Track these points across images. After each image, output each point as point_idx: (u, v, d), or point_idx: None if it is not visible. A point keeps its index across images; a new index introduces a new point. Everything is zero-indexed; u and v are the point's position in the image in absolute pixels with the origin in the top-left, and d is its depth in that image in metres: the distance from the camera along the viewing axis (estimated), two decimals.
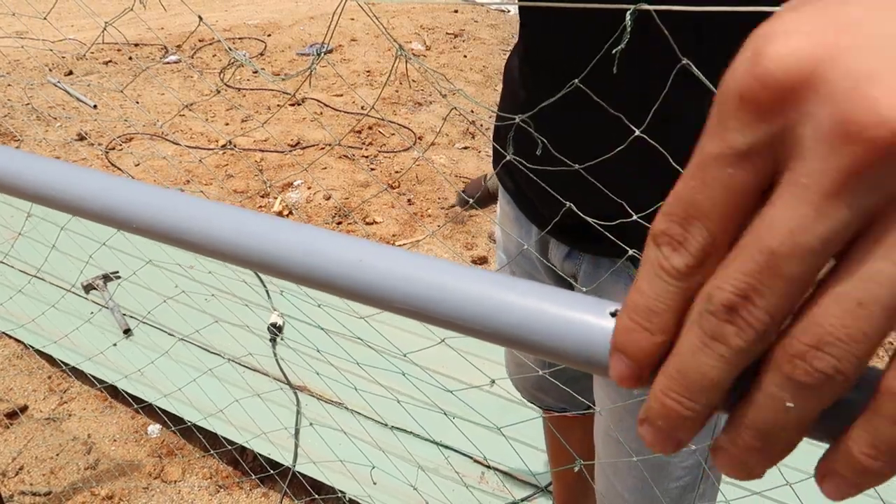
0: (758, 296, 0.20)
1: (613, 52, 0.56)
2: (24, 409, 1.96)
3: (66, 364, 1.97)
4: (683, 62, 0.55)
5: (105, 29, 0.78)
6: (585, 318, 0.26)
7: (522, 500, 1.58)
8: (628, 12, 0.55)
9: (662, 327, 0.23)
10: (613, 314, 0.26)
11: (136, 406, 1.88)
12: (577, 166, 0.66)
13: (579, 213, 0.70)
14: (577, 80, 0.61)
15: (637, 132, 0.60)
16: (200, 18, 0.68)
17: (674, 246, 0.22)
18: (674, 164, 0.60)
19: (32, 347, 2.04)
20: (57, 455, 1.83)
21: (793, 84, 0.18)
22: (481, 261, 2.65)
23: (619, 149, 0.62)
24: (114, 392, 1.94)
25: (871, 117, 0.17)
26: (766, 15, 0.20)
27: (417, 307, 0.29)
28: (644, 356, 0.23)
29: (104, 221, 0.38)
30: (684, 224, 0.21)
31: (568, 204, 0.70)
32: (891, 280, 0.18)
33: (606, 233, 0.69)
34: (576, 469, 1.06)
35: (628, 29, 0.57)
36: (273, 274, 0.33)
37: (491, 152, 3.74)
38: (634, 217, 0.66)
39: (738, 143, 0.20)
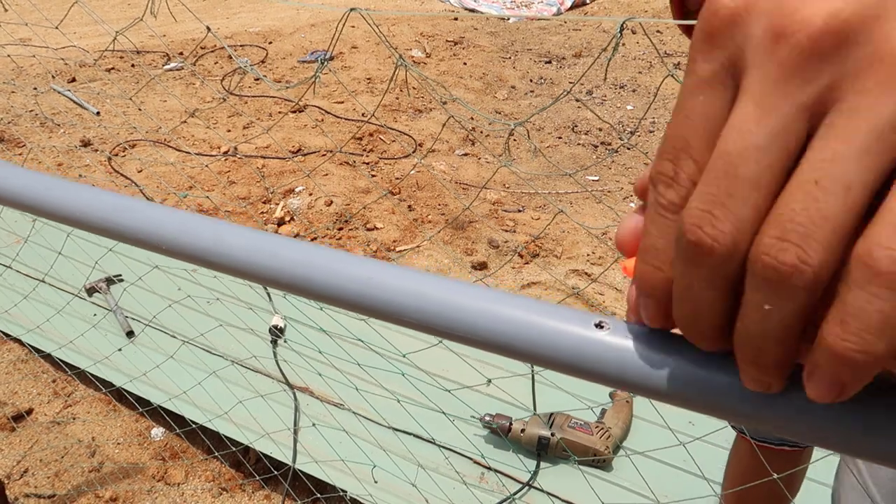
0: (720, 207, 0.20)
1: (608, 57, 0.58)
2: (29, 412, 1.98)
3: (70, 368, 1.99)
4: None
5: (115, 38, 0.81)
6: (574, 330, 0.28)
7: (517, 493, 1.60)
8: (618, 24, 0.58)
9: (668, 262, 0.23)
10: (598, 325, 0.27)
11: (140, 409, 1.90)
12: None
13: None
14: None
15: None
16: (209, 28, 0.71)
17: (667, 182, 0.22)
18: None
19: (37, 351, 2.06)
20: (61, 458, 1.85)
21: (734, 12, 0.21)
22: (481, 266, 2.67)
23: None
24: (118, 395, 1.96)
25: (794, 20, 0.20)
26: None
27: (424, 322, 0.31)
28: (659, 293, 0.23)
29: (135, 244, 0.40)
30: (674, 160, 0.22)
31: None
32: (843, 157, 0.19)
33: None
34: None
35: (619, 38, 0.59)
36: (287, 291, 0.35)
37: (490, 158, 3.71)
38: None
39: (703, 71, 0.22)
